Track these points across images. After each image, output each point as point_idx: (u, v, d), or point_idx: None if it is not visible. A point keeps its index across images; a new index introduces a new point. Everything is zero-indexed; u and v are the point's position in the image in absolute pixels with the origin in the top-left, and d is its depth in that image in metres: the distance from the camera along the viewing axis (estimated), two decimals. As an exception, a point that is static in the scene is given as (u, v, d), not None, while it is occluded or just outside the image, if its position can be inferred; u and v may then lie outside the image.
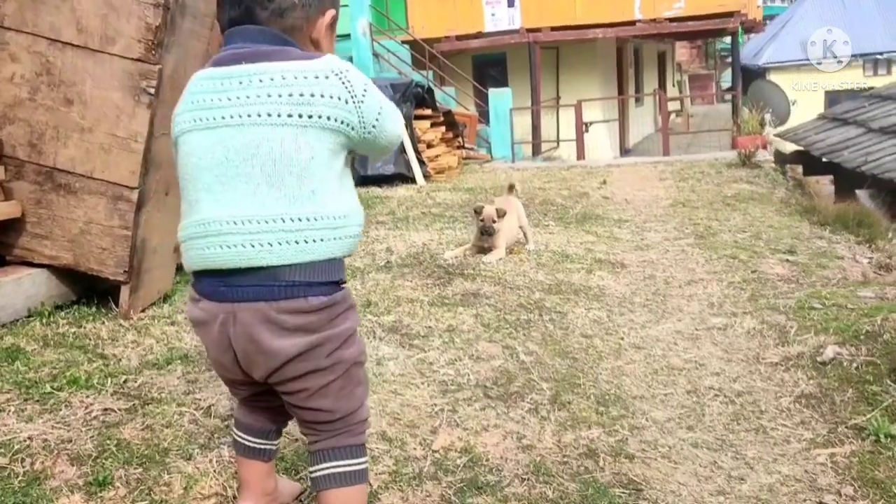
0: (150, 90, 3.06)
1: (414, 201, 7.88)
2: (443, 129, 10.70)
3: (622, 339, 3.45)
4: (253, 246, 1.37)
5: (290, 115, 1.36)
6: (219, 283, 1.42)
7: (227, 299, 1.41)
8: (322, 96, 1.37)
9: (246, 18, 1.43)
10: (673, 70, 26.63)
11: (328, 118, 1.38)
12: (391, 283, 4.21)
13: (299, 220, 1.38)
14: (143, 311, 3.39)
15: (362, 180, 9.43)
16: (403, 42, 14.67)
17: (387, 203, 7.86)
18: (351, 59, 13.49)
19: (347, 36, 13.81)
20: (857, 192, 9.16)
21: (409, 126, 9.65)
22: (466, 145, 12.25)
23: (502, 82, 15.34)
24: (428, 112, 10.30)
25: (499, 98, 13.39)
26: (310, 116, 1.37)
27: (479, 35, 14.71)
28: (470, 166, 11.78)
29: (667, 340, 3.44)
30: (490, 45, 14.93)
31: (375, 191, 8.99)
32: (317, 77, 1.37)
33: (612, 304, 3.97)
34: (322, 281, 1.42)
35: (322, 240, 1.40)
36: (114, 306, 3.34)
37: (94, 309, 3.37)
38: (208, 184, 1.41)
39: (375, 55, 13.64)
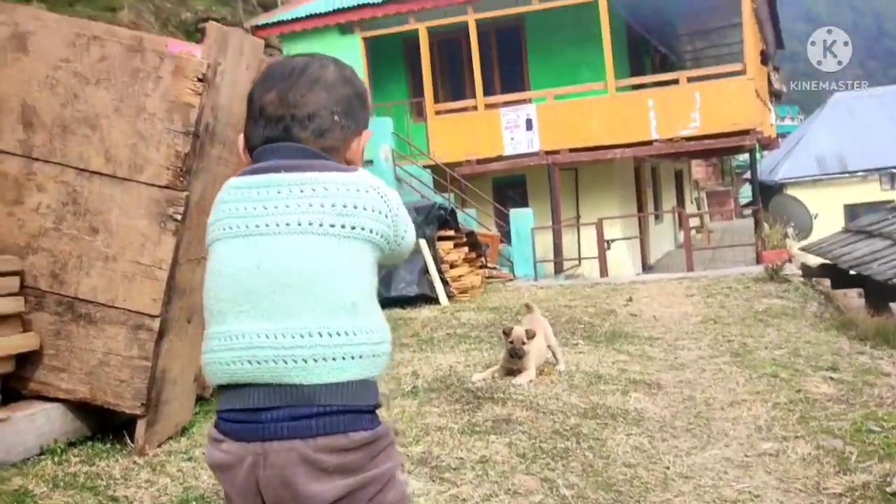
0: (176, 217, 3.04)
1: (438, 322, 7.75)
2: (466, 249, 10.73)
3: (668, 468, 3.22)
4: (286, 362, 1.26)
5: (332, 225, 1.31)
6: (246, 417, 1.29)
7: (256, 438, 1.27)
8: (364, 209, 1.34)
9: (284, 137, 1.39)
10: (690, 187, 26.94)
11: (370, 231, 1.34)
12: (418, 409, 4.03)
13: (337, 334, 1.28)
14: (159, 445, 3.23)
15: (385, 302, 9.37)
16: (425, 166, 14.98)
17: (411, 325, 7.74)
18: (373, 184, 13.74)
19: (370, 162, 14.14)
20: (893, 305, 8.93)
21: (432, 247, 9.68)
22: (489, 265, 12.24)
23: (522, 203, 15.51)
24: (451, 233, 10.36)
25: (520, 218, 13.49)
26: (352, 227, 1.32)
27: (499, 158, 15.00)
28: (493, 285, 11.71)
29: (716, 469, 3.20)
30: (510, 168, 15.19)
31: (399, 312, 8.88)
32: (358, 190, 1.34)
33: (653, 429, 3.74)
34: (359, 407, 1.29)
35: (361, 356, 1.29)
36: (129, 441, 3.19)
37: (108, 445, 3.21)
38: (234, 294, 1.32)
39: (398, 179, 13.90)
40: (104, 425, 3.35)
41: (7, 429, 2.93)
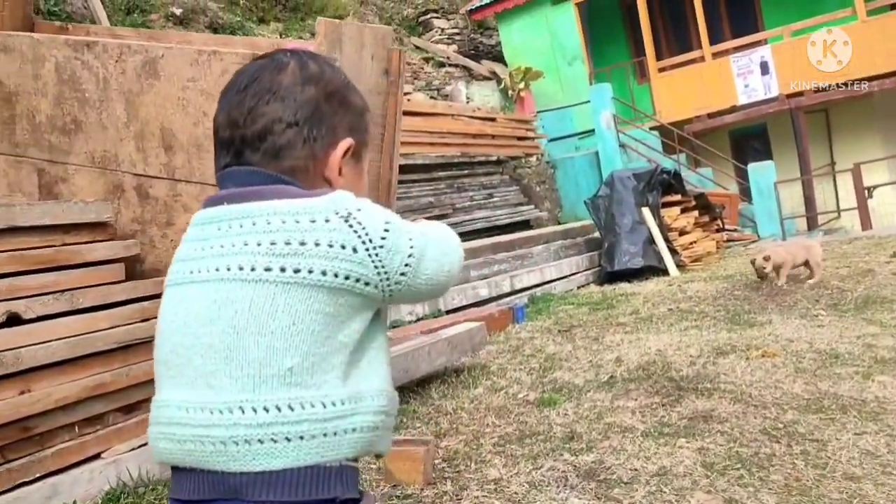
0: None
1: (662, 296, 7.18)
2: (696, 213, 9.90)
3: (907, 481, 2.54)
4: (202, 444, 0.99)
5: (267, 269, 1.00)
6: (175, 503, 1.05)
7: None
8: (317, 244, 1.01)
9: (236, 163, 1.11)
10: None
11: (322, 273, 1.00)
12: (609, 404, 3.64)
13: (265, 409, 0.97)
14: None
15: (609, 277, 8.90)
16: (651, 129, 14.09)
17: (632, 301, 7.23)
18: (597, 154, 13.19)
19: (592, 131, 13.59)
20: None
21: (656, 215, 9.04)
22: (728, 227, 11.21)
23: (766, 155, 14.03)
24: (677, 198, 9.61)
25: (759, 172, 12.18)
26: (296, 270, 1.00)
27: (733, 109, 13.65)
28: (733, 249, 10.70)
29: (978, 483, 2.47)
30: (747, 119, 13.76)
31: (623, 287, 8.38)
32: (313, 221, 1.02)
33: (895, 426, 3.02)
34: (305, 500, 0.98)
35: (302, 437, 0.98)
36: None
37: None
38: (165, 357, 1.08)
39: (622, 146, 13.20)
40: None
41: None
